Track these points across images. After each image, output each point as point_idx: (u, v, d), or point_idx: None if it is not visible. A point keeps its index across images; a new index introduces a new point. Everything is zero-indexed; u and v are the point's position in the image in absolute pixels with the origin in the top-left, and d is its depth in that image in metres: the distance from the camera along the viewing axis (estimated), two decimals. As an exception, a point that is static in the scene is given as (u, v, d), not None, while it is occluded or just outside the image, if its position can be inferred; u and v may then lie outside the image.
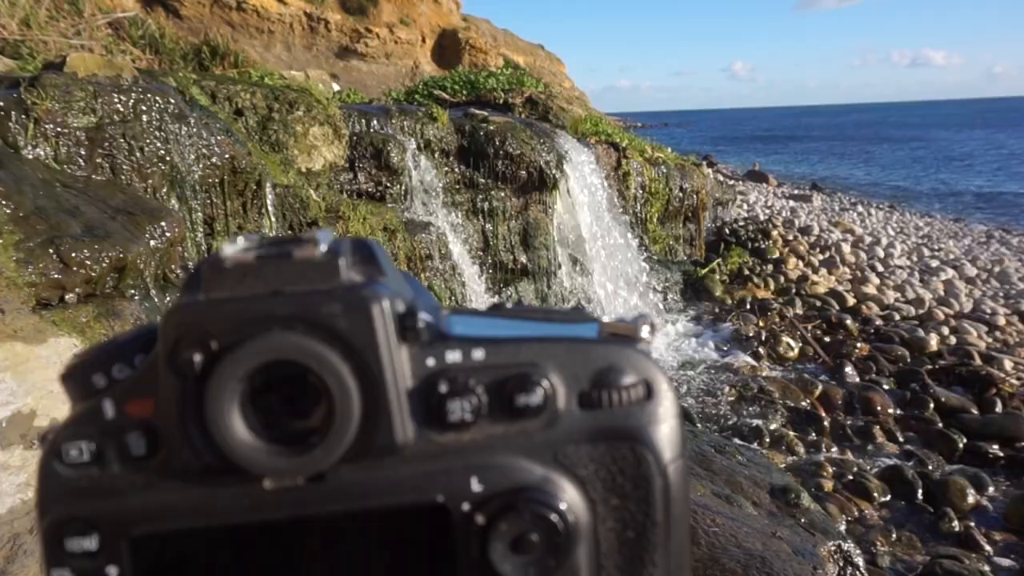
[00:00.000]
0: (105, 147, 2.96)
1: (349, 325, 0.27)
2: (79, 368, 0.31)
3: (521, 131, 8.79)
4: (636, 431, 0.30)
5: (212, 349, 0.27)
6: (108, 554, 0.28)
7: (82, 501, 0.28)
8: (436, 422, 0.29)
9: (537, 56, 33.54)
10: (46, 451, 0.30)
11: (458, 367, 0.29)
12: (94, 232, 2.43)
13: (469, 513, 0.28)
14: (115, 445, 0.28)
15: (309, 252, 0.28)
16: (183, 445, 0.28)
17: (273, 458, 0.27)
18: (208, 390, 0.27)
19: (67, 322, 2.16)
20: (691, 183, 12.37)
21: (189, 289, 0.29)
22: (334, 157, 5.65)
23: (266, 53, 18.52)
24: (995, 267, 11.78)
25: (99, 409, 0.29)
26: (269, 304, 0.27)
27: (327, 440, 0.27)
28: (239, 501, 0.28)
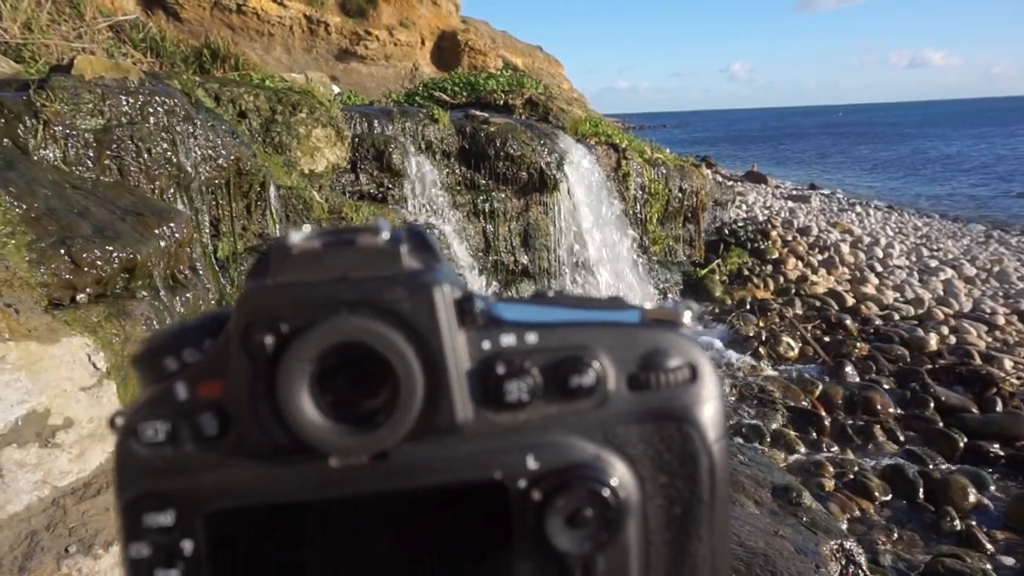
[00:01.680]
0: (113, 149, 2.97)
1: (412, 309, 0.29)
2: (151, 352, 0.32)
3: (522, 132, 8.81)
4: (682, 411, 0.31)
5: (283, 332, 0.28)
6: (183, 529, 0.29)
7: (158, 479, 0.30)
8: (493, 402, 0.30)
9: (536, 57, 33.55)
10: (122, 431, 0.31)
11: (513, 350, 0.30)
12: (104, 233, 2.45)
13: (525, 490, 0.30)
14: (188, 425, 0.30)
15: (372, 240, 0.30)
16: (254, 425, 0.29)
17: (340, 437, 0.29)
18: (279, 372, 0.28)
19: (79, 322, 2.18)
20: (690, 184, 12.38)
21: (257, 275, 0.30)
22: (336, 159, 5.67)
23: (266, 56, 18.53)
24: (994, 267, 11.80)
25: (172, 391, 0.30)
26: (336, 289, 0.29)
27: (392, 420, 0.29)
28: (307, 479, 0.29)
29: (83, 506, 1.79)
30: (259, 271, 0.30)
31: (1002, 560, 4.50)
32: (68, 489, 1.80)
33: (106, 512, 1.84)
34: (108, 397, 2.07)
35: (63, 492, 1.78)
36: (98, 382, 2.08)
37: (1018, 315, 8.91)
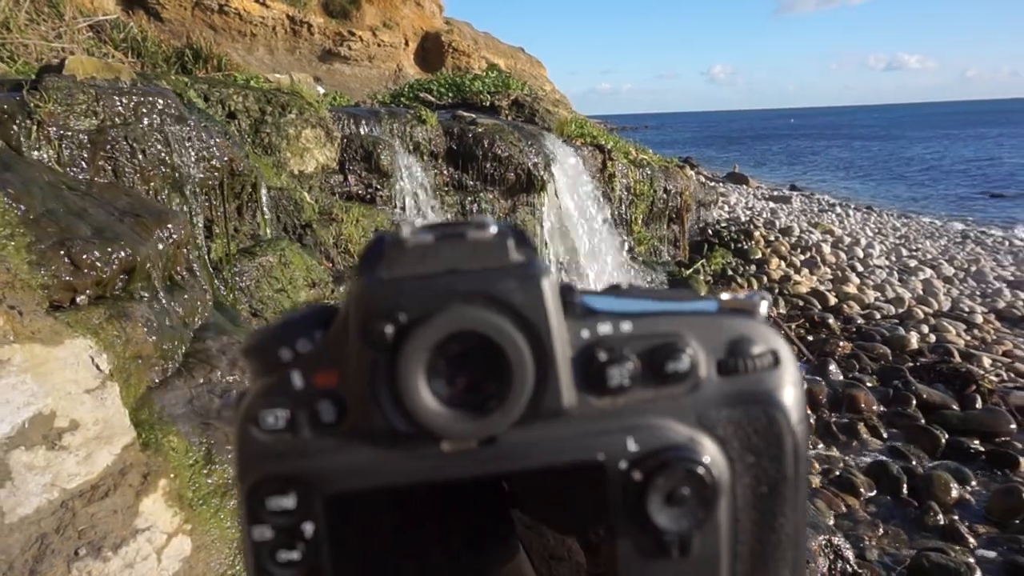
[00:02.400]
0: (107, 150, 2.95)
1: (524, 299, 0.30)
2: (265, 343, 0.34)
3: (509, 133, 8.83)
4: (768, 395, 0.33)
5: (402, 322, 0.30)
6: (304, 512, 0.31)
7: (279, 463, 0.31)
8: (595, 387, 0.32)
9: (518, 59, 33.57)
10: (242, 418, 0.32)
11: (611, 338, 0.32)
12: (103, 234, 2.43)
13: (626, 470, 0.31)
14: (307, 412, 0.31)
15: (481, 234, 0.31)
16: (373, 411, 0.30)
17: (455, 422, 0.30)
18: (399, 360, 0.29)
19: (81, 324, 2.17)
20: (675, 184, 12.48)
21: (368, 268, 0.31)
22: (326, 160, 5.66)
23: (248, 56, 18.36)
24: (971, 266, 12.03)
25: (288, 380, 0.31)
26: (451, 281, 0.30)
27: (504, 405, 0.30)
28: (422, 462, 0.31)
29: (91, 508, 1.79)
30: (371, 264, 0.31)
31: (984, 554, 4.60)
32: (76, 491, 1.79)
33: (114, 514, 1.84)
34: (112, 399, 2.06)
35: (72, 494, 1.77)
36: (102, 384, 2.07)
37: (995, 314, 9.09)
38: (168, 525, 1.97)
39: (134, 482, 1.94)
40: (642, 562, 0.32)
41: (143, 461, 2.01)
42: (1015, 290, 10.30)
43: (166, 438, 2.17)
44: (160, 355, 2.46)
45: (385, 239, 0.32)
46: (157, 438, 2.14)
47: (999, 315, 9.07)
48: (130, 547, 1.81)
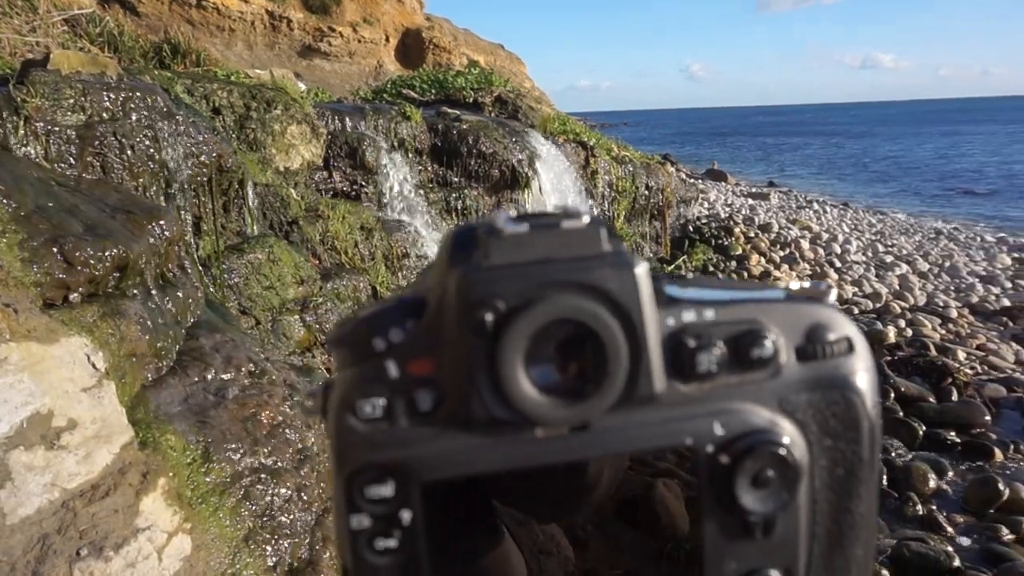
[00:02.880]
0: (96, 145, 2.91)
1: (619, 287, 0.31)
2: (357, 333, 0.34)
3: (494, 130, 8.83)
4: (845, 380, 0.34)
5: (501, 310, 0.30)
6: (402, 499, 0.31)
7: (377, 452, 0.31)
8: (683, 373, 0.33)
9: (497, 56, 33.49)
10: (339, 408, 0.33)
11: (697, 325, 0.33)
12: (96, 231, 2.40)
13: (713, 454, 0.32)
14: (403, 401, 0.31)
15: (575, 223, 0.32)
16: (471, 398, 0.31)
17: (553, 409, 0.31)
18: (500, 347, 0.30)
19: (75, 322, 2.14)
20: (656, 181, 12.56)
21: (462, 257, 0.31)
22: (312, 156, 5.62)
23: (227, 52, 18.11)
24: (945, 262, 12.26)
25: (383, 369, 0.32)
26: (548, 269, 0.31)
27: (600, 391, 0.31)
28: (517, 449, 0.32)
29: (92, 508, 1.77)
30: (464, 253, 0.32)
31: (961, 542, 4.71)
32: (77, 491, 1.77)
33: (115, 514, 1.82)
34: (109, 398, 2.04)
35: (72, 494, 1.76)
36: (98, 382, 2.05)
37: (969, 308, 9.28)
38: (168, 524, 1.96)
39: (134, 481, 1.92)
40: (727, 543, 0.33)
41: (142, 460, 2.00)
42: (987, 285, 10.53)
43: (163, 437, 2.16)
44: (154, 353, 2.44)
45: (477, 228, 0.32)
46: (155, 437, 2.13)
47: (972, 309, 9.26)
48: (131, 547, 1.80)
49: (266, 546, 2.25)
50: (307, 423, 2.69)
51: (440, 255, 0.34)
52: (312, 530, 2.46)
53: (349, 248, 5.74)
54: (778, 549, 0.34)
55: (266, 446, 2.43)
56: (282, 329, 4.23)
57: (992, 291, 10.18)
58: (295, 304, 4.34)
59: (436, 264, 0.34)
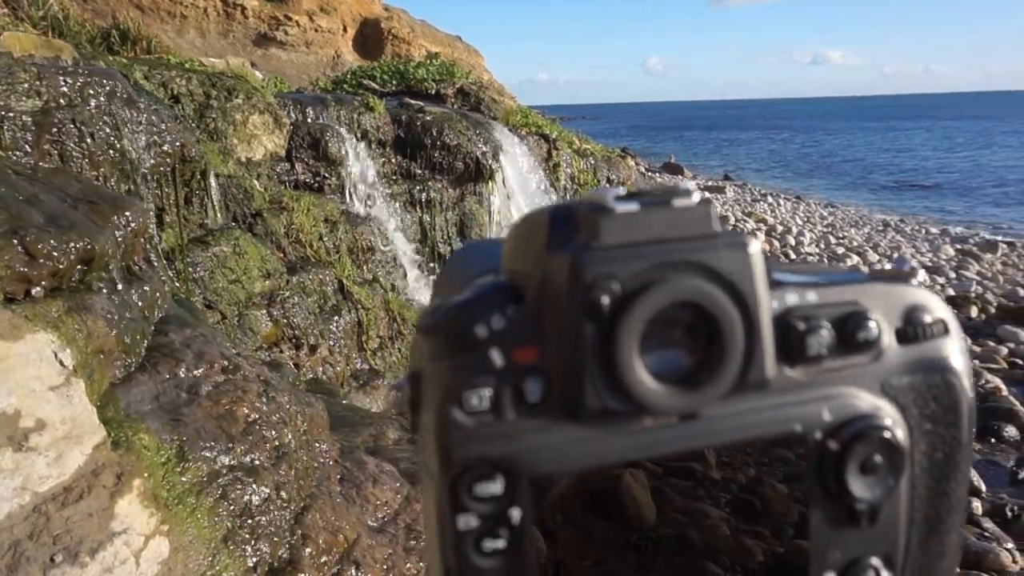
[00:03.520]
0: (53, 133, 2.77)
1: (735, 268, 0.29)
2: (456, 320, 0.32)
3: (458, 122, 8.76)
4: (944, 362, 0.34)
5: (616, 293, 0.28)
6: (511, 497, 0.29)
7: (485, 447, 0.29)
8: (791, 357, 0.31)
9: (455, 48, 33.27)
10: (443, 400, 0.30)
11: (802, 307, 0.32)
12: (58, 222, 2.29)
13: (822, 440, 0.31)
14: (511, 392, 0.29)
15: (686, 201, 0.30)
16: (584, 387, 0.29)
17: (669, 397, 0.29)
18: (617, 333, 0.28)
19: (40, 317, 2.03)
20: (617, 174, 12.67)
21: (563, 238, 0.29)
22: (275, 147, 5.49)
23: (179, 39, 17.55)
24: (893, 253, 12.69)
25: (487, 358, 0.29)
26: (663, 249, 0.29)
27: (716, 378, 0.29)
28: (629, 440, 0.30)
29: (66, 512, 1.69)
30: (567, 234, 0.30)
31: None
32: (49, 495, 1.69)
33: (90, 518, 1.74)
34: (78, 396, 1.95)
35: (44, 498, 1.67)
36: (66, 380, 1.95)
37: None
38: (145, 527, 1.88)
39: (108, 483, 1.84)
40: (832, 532, 0.32)
41: (115, 461, 1.92)
42: (933, 275, 10.94)
43: (136, 436, 2.07)
44: (123, 350, 2.34)
45: (579, 207, 0.30)
46: (127, 436, 2.04)
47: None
48: (107, 551, 1.73)
49: (245, 547, 2.19)
50: (283, 420, 2.62)
51: (530, 237, 0.32)
52: (292, 529, 2.40)
53: (314, 241, 5.63)
54: (880, 537, 0.33)
55: (242, 444, 2.36)
56: (248, 324, 4.12)
57: (938, 281, 10.58)
58: (262, 298, 4.24)
59: (524, 247, 0.32)
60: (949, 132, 54.72)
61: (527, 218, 0.33)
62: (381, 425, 4.10)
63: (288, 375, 3.70)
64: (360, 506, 2.89)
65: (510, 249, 0.34)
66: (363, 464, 3.19)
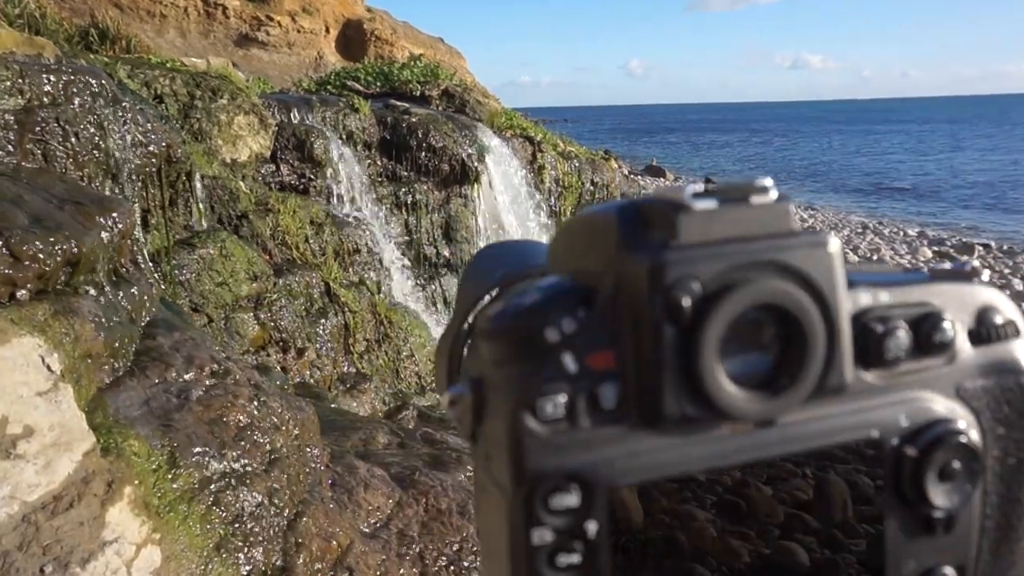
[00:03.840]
0: (37, 132, 2.71)
1: (817, 268, 0.28)
2: (525, 323, 0.30)
3: (443, 124, 8.74)
4: (1017, 364, 0.32)
5: (697, 294, 0.27)
6: (588, 509, 0.28)
7: (560, 457, 0.28)
8: (868, 360, 0.30)
9: (437, 49, 33.21)
10: (515, 407, 0.28)
11: (877, 308, 0.30)
12: (44, 223, 2.24)
13: (899, 447, 0.30)
14: (585, 398, 0.28)
15: (764, 198, 0.29)
16: (663, 393, 0.27)
17: (750, 403, 0.28)
18: (699, 336, 0.27)
19: (26, 321, 1.98)
20: (601, 177, 12.71)
21: (637, 236, 0.28)
22: (260, 148, 5.43)
23: (158, 39, 17.33)
24: (873, 255, 12.87)
25: (560, 363, 0.28)
26: (744, 248, 0.28)
27: (796, 383, 0.28)
28: (706, 448, 0.28)
29: (56, 521, 1.64)
30: (641, 232, 0.28)
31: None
32: (38, 504, 1.63)
33: (80, 527, 1.69)
34: (67, 402, 1.90)
35: (33, 507, 1.62)
36: (54, 386, 1.90)
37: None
38: (136, 535, 1.83)
39: (98, 491, 1.79)
40: (908, 541, 0.31)
41: (105, 468, 1.87)
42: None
43: (126, 442, 2.02)
44: (110, 354, 2.29)
45: (653, 204, 0.29)
46: (117, 442, 1.99)
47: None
48: (99, 561, 1.68)
49: (238, 554, 2.14)
50: (275, 424, 2.58)
51: (595, 236, 0.30)
52: (285, 535, 2.36)
53: (300, 243, 5.58)
54: (955, 545, 0.32)
55: (234, 449, 2.32)
56: (235, 327, 4.06)
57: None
58: (248, 301, 4.18)
59: (588, 246, 0.31)
60: (924, 136, 55.75)
61: (588, 216, 0.31)
62: (370, 429, 4.05)
63: (276, 379, 3.65)
64: (352, 512, 2.85)
65: (565, 248, 0.33)
66: (354, 469, 3.15)
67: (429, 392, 6.18)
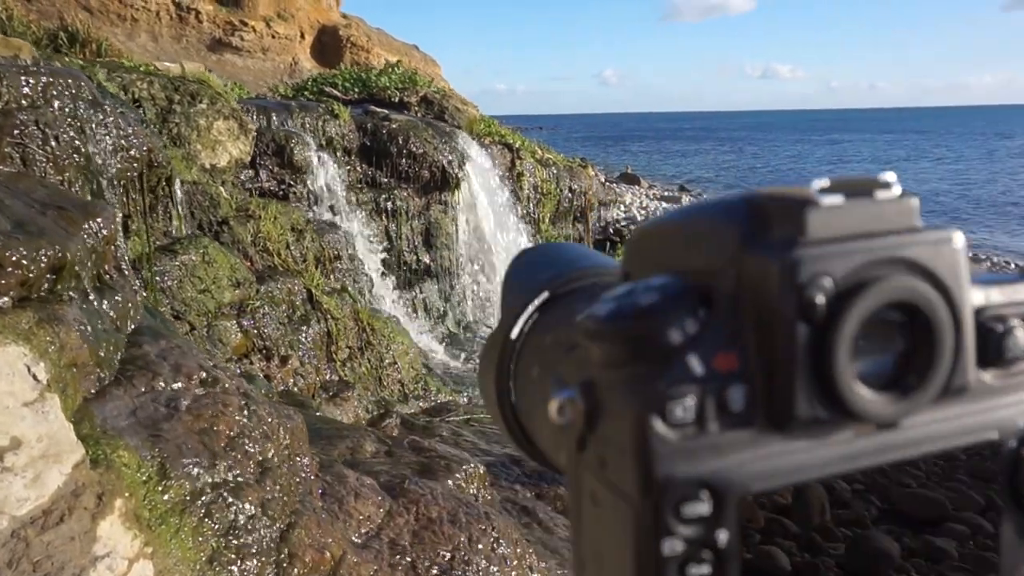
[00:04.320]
0: (15, 135, 2.62)
1: (944, 265, 0.28)
2: (646, 324, 0.29)
3: (423, 130, 8.71)
4: None
5: (831, 292, 0.26)
6: (719, 518, 0.27)
7: (690, 463, 0.27)
8: (986, 360, 0.29)
9: (412, 57, 33.15)
10: (643, 411, 0.28)
11: (991, 307, 0.30)
12: (26, 229, 2.16)
13: (1017, 448, 0.29)
14: (714, 402, 0.27)
15: (890, 194, 0.28)
16: (795, 396, 0.27)
17: (882, 406, 0.27)
18: (834, 335, 0.26)
19: (10, 329, 1.91)
20: (579, 184, 12.78)
21: (759, 231, 0.28)
22: (240, 153, 5.35)
23: (129, 43, 17.02)
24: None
25: (687, 365, 0.27)
26: (874, 245, 0.27)
27: (925, 383, 0.28)
28: (833, 452, 0.28)
29: (46, 537, 1.58)
30: (762, 227, 0.28)
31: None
32: (28, 518, 1.57)
33: (71, 542, 1.63)
34: (54, 413, 1.83)
35: (23, 522, 1.55)
36: (40, 395, 1.83)
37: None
38: (128, 550, 1.77)
39: (89, 504, 1.73)
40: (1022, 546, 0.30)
41: (96, 480, 1.80)
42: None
43: (115, 453, 1.96)
44: (96, 363, 2.22)
45: (770, 200, 0.28)
46: (106, 454, 1.93)
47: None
48: (90, 577, 1.62)
49: (231, 567, 2.09)
50: (266, 434, 2.52)
51: (709, 233, 0.30)
52: (278, 547, 2.31)
53: (281, 250, 5.50)
54: None
55: (225, 460, 2.26)
56: (218, 334, 3.98)
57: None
58: (231, 308, 4.10)
59: (698, 244, 0.30)
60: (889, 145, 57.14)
61: (690, 215, 0.31)
62: (357, 437, 3.99)
63: (261, 387, 3.58)
64: (344, 521, 2.80)
65: (660, 248, 0.32)
66: (344, 478, 3.09)
67: (412, 400, 6.13)
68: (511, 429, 0.42)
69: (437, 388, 6.37)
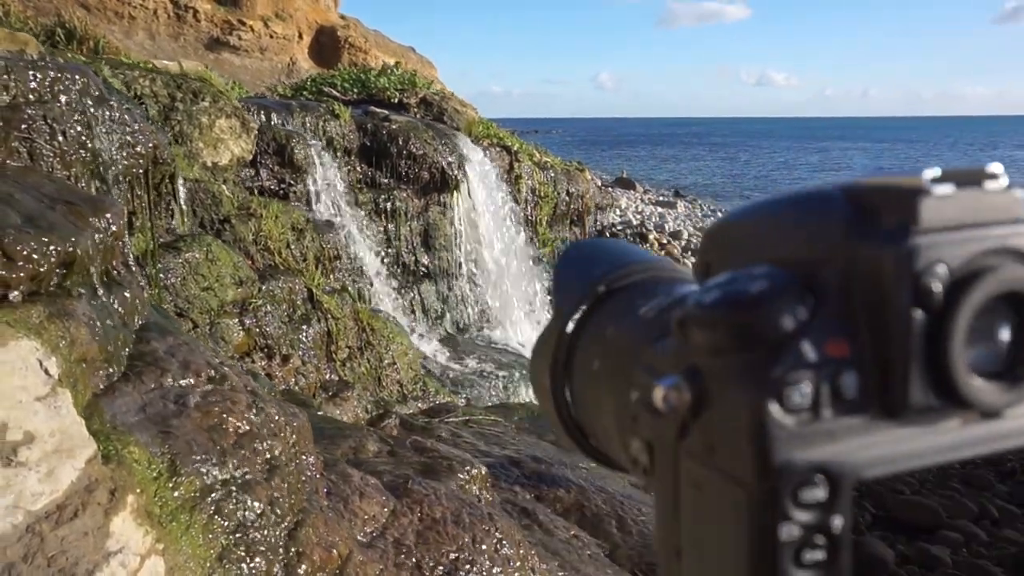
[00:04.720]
0: (22, 129, 2.61)
1: None
2: (759, 310, 0.29)
3: (423, 132, 8.71)
4: None
5: (946, 280, 0.27)
6: (834, 504, 0.27)
7: (806, 448, 0.27)
8: None
9: (409, 59, 33.14)
10: (760, 397, 0.28)
11: None
12: (36, 223, 2.15)
13: None
14: (828, 388, 0.28)
15: (997, 184, 0.29)
16: (909, 383, 0.27)
17: (994, 395, 0.28)
18: (949, 324, 0.27)
19: (21, 323, 1.90)
20: (576, 187, 12.80)
21: (866, 219, 0.28)
22: (241, 151, 5.34)
23: (127, 40, 16.96)
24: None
25: (801, 352, 0.28)
26: (986, 234, 0.28)
27: None
28: (942, 440, 0.28)
29: (61, 532, 1.57)
30: (869, 216, 0.28)
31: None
32: (42, 513, 1.56)
33: (85, 537, 1.62)
34: (66, 408, 1.82)
35: (37, 517, 1.54)
36: (52, 390, 1.82)
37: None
38: (140, 546, 1.76)
39: (102, 500, 1.72)
40: None
41: (108, 476, 1.79)
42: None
43: (126, 449, 1.95)
44: (105, 358, 2.21)
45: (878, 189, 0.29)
46: (117, 449, 1.92)
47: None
48: (104, 572, 1.61)
49: (241, 564, 2.08)
50: (274, 431, 2.51)
51: (809, 222, 0.30)
52: (286, 545, 2.30)
53: (282, 248, 5.49)
54: None
55: (234, 457, 2.25)
56: (220, 332, 3.97)
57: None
58: (234, 306, 4.09)
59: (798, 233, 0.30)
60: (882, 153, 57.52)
61: (785, 204, 0.31)
62: (359, 437, 3.98)
63: (265, 385, 3.57)
64: (349, 520, 2.79)
65: (751, 237, 0.32)
66: (348, 477, 3.09)
67: (411, 400, 6.12)
68: (564, 422, 0.42)
69: (436, 389, 6.37)
